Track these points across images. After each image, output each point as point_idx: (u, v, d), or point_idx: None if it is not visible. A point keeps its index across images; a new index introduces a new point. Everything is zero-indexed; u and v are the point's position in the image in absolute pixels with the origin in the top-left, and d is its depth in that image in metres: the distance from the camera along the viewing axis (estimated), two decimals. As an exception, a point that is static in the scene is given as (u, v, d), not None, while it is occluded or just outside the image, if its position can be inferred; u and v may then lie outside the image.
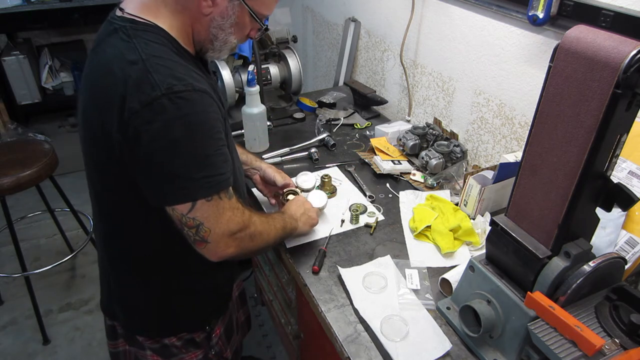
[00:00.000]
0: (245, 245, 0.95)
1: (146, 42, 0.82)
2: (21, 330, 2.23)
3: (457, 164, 1.54)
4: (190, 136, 0.80)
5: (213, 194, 0.85)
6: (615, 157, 0.80)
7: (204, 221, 0.86)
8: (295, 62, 1.93)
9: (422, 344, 0.98)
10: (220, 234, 0.89)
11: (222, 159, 0.87)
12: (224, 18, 0.90)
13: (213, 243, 0.89)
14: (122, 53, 0.81)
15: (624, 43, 0.70)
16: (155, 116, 0.77)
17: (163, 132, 0.78)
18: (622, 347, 0.79)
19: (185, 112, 0.79)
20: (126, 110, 0.78)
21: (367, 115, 1.99)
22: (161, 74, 0.78)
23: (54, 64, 3.66)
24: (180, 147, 0.80)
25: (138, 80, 0.78)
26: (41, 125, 3.73)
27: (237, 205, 0.92)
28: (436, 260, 1.22)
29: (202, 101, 0.82)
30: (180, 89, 0.78)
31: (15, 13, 3.08)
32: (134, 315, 1.11)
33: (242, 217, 0.92)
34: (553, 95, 0.80)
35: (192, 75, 0.83)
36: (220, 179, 0.86)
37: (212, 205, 0.86)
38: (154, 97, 0.77)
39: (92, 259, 2.58)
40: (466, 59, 1.59)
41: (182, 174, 0.82)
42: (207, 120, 0.83)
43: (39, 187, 2.15)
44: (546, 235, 0.87)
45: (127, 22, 0.85)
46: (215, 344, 1.20)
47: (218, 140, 0.85)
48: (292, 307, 1.51)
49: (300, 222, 1.19)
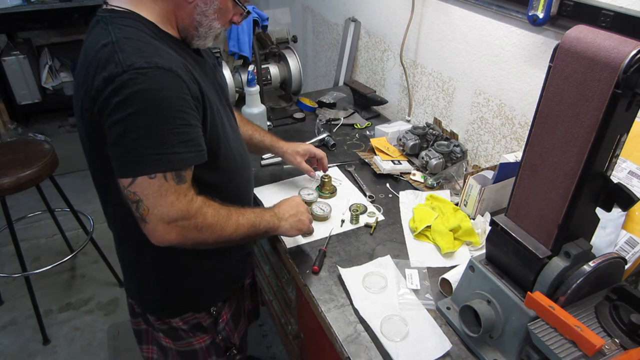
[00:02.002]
0: (191, 236, 0.92)
1: (120, 27, 0.86)
2: (21, 330, 2.23)
3: (457, 164, 1.54)
4: (145, 111, 0.82)
5: (157, 171, 0.84)
6: (615, 157, 0.80)
7: (143, 198, 0.85)
8: (295, 62, 1.93)
9: (422, 344, 0.98)
10: (158, 216, 0.87)
11: (178, 139, 0.85)
12: (207, 4, 0.93)
13: (151, 224, 0.88)
14: (97, 39, 0.85)
15: (624, 43, 0.70)
16: (115, 91, 0.80)
17: (120, 106, 0.81)
18: (622, 347, 0.79)
19: (143, 88, 0.80)
20: (93, 89, 0.82)
21: (367, 115, 1.99)
22: (126, 52, 0.81)
23: (54, 64, 3.66)
24: (134, 121, 0.82)
25: (105, 60, 0.81)
26: (41, 125, 3.73)
27: (185, 192, 0.89)
28: (436, 260, 1.22)
29: (164, 79, 0.83)
30: (141, 65, 0.80)
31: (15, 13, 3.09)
32: (144, 293, 1.14)
33: (188, 205, 0.89)
34: (553, 95, 0.80)
35: (160, 54, 0.84)
36: (170, 158, 0.85)
37: (153, 184, 0.85)
38: (116, 73, 0.80)
39: (92, 259, 2.58)
40: (466, 59, 1.59)
41: (131, 148, 0.83)
42: (166, 98, 0.83)
43: (39, 187, 2.15)
44: (546, 235, 0.87)
45: (108, 12, 0.89)
46: (222, 329, 1.22)
47: (177, 119, 0.85)
48: (292, 307, 1.51)
49: (285, 222, 1.13)
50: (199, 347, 1.20)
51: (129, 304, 1.24)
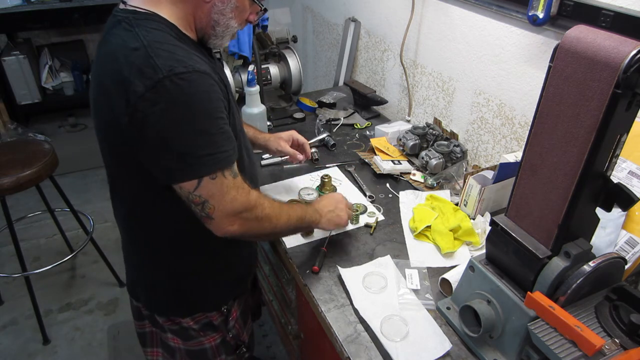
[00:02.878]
0: (251, 226, 0.97)
1: (147, 29, 0.85)
2: (21, 330, 2.23)
3: (457, 164, 1.54)
4: (193, 115, 0.84)
5: (217, 171, 0.88)
6: (615, 157, 0.80)
7: (209, 199, 0.89)
8: (295, 62, 1.93)
9: (422, 344, 0.98)
10: (224, 211, 0.91)
11: (224, 137, 0.89)
12: (224, 3, 0.93)
13: (217, 219, 0.92)
14: (125, 41, 0.85)
15: (624, 43, 0.70)
16: (159, 97, 0.81)
17: (167, 112, 0.82)
18: (622, 347, 0.79)
19: (187, 92, 0.82)
20: (131, 93, 0.81)
21: (367, 115, 1.99)
22: (162, 57, 0.82)
23: (54, 64, 3.66)
24: (184, 126, 0.83)
25: (141, 65, 0.81)
26: (41, 125, 3.73)
27: (242, 185, 0.94)
28: (436, 260, 1.22)
29: (203, 82, 0.85)
30: (181, 70, 0.81)
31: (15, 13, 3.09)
32: (153, 294, 1.14)
33: (248, 197, 0.94)
34: (553, 95, 0.80)
35: (192, 58, 0.86)
36: (223, 156, 0.88)
37: (216, 183, 0.88)
38: (157, 79, 0.80)
39: (92, 259, 2.58)
40: (466, 59, 1.59)
41: (186, 152, 0.85)
42: (208, 100, 0.86)
43: (39, 187, 2.15)
44: (546, 235, 0.87)
45: (130, 13, 0.88)
46: (232, 327, 1.22)
47: (219, 120, 0.88)
48: (292, 307, 1.51)
49: (324, 217, 1.17)
50: (209, 346, 1.20)
51: (134, 307, 1.23)
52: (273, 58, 2.01)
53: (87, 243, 2.34)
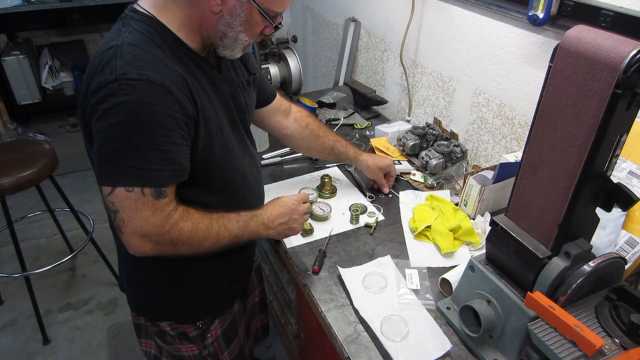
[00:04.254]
0: (166, 249, 0.93)
1: (132, 30, 0.86)
2: (21, 330, 2.23)
3: (457, 164, 1.54)
4: (129, 123, 0.81)
5: (135, 185, 0.84)
6: (615, 157, 0.80)
7: (120, 209, 0.86)
8: (295, 62, 1.93)
9: (422, 344, 0.98)
10: (132, 229, 0.87)
11: (160, 156, 0.85)
12: (233, 16, 0.90)
13: (126, 235, 0.88)
14: (109, 39, 0.86)
15: (624, 43, 0.70)
16: (104, 98, 0.81)
17: (107, 114, 0.81)
18: (622, 347, 0.79)
19: (129, 100, 0.80)
20: (89, 90, 0.83)
21: (367, 115, 1.99)
22: (124, 60, 0.81)
23: (54, 64, 3.66)
24: (117, 131, 0.82)
25: (105, 63, 0.82)
26: (41, 125, 3.73)
27: (162, 208, 0.88)
28: (436, 260, 1.22)
29: (153, 93, 0.82)
30: (132, 77, 0.80)
31: (15, 13, 3.08)
32: (133, 292, 1.15)
33: (163, 222, 0.89)
34: (553, 95, 0.80)
35: (156, 67, 0.83)
36: (149, 174, 0.85)
37: (130, 197, 0.85)
38: (109, 80, 0.80)
39: (92, 259, 2.58)
40: (466, 59, 1.59)
41: (113, 157, 0.84)
42: (151, 113, 0.82)
43: (39, 187, 2.15)
44: (546, 235, 0.87)
45: (131, 11, 0.90)
46: (210, 344, 1.20)
47: (161, 137, 0.84)
48: (292, 307, 1.51)
49: (272, 231, 1.08)
50: (187, 355, 1.19)
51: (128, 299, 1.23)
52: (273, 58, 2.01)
53: (87, 243, 2.34)
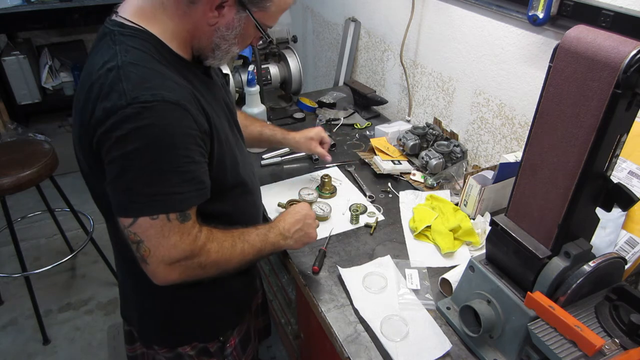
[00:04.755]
0: (194, 274, 0.89)
1: (127, 48, 0.80)
2: (21, 330, 2.23)
3: (457, 164, 1.54)
4: (148, 149, 0.77)
5: (160, 212, 0.80)
6: (615, 157, 0.80)
7: (145, 240, 0.81)
8: (295, 62, 1.93)
9: (422, 344, 0.98)
10: (160, 258, 0.82)
11: (182, 178, 0.81)
12: (229, 29, 0.87)
13: (152, 266, 0.83)
14: (103, 59, 0.79)
15: (624, 43, 0.70)
16: (116, 125, 0.75)
17: (122, 142, 0.76)
18: (622, 347, 0.79)
19: (147, 124, 0.76)
20: (93, 118, 0.77)
21: (367, 115, 1.99)
22: (132, 82, 0.76)
23: (54, 64, 3.66)
24: (136, 159, 0.77)
25: (109, 88, 0.76)
26: (41, 125, 3.73)
27: (189, 231, 0.84)
28: (436, 260, 1.22)
29: (170, 114, 0.78)
30: (146, 99, 0.75)
31: (15, 13, 3.08)
32: (148, 322, 1.09)
33: (192, 245, 0.85)
34: (553, 95, 0.80)
35: (168, 85, 0.79)
36: (174, 198, 0.80)
37: (156, 225, 0.80)
38: (119, 106, 0.75)
39: (92, 259, 2.58)
40: (466, 59, 1.59)
41: (132, 186, 0.78)
42: (171, 134, 0.78)
43: (39, 187, 2.15)
44: (546, 235, 0.87)
45: (117, 26, 0.83)
46: (229, 354, 1.17)
47: (182, 157, 0.80)
48: (292, 307, 1.51)
49: (290, 240, 1.07)
50: None
51: (126, 330, 1.17)
52: (273, 58, 2.01)
53: (87, 243, 2.34)
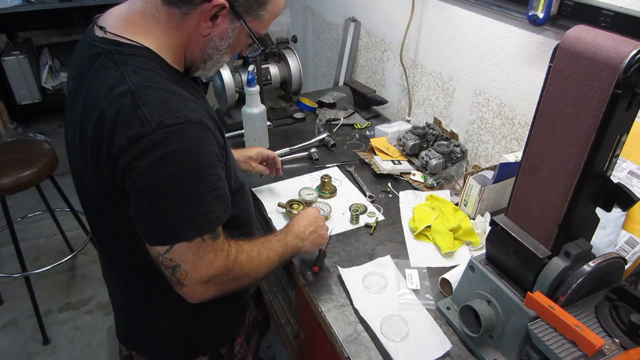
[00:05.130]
0: (228, 287, 0.89)
1: (134, 69, 0.77)
2: (21, 330, 2.23)
3: (457, 164, 1.54)
4: (181, 174, 0.76)
5: (196, 236, 0.79)
6: (615, 157, 0.80)
7: (182, 263, 0.80)
8: (295, 62, 1.93)
9: (422, 344, 0.98)
10: (197, 278, 0.82)
11: (214, 195, 0.81)
12: (223, 39, 0.86)
13: (189, 287, 0.83)
14: (109, 84, 0.76)
15: (624, 43, 0.70)
16: (143, 153, 0.73)
17: (151, 169, 0.74)
18: (622, 347, 0.79)
19: (176, 148, 0.74)
20: (114, 147, 0.74)
21: (367, 115, 1.99)
22: (151, 107, 0.73)
23: (54, 64, 3.66)
24: (170, 185, 0.75)
25: (127, 115, 0.73)
26: (41, 125, 3.73)
27: (221, 247, 0.85)
28: (436, 260, 1.22)
29: (196, 134, 0.76)
30: (171, 122, 0.73)
31: (15, 13, 3.08)
32: (158, 341, 1.07)
33: (226, 261, 0.86)
34: (553, 95, 0.80)
35: (185, 104, 0.78)
36: (209, 218, 0.80)
37: (192, 248, 0.80)
38: (143, 133, 0.72)
39: (92, 259, 2.58)
40: (466, 59, 1.59)
41: (169, 213, 0.77)
42: (200, 155, 0.78)
43: (39, 187, 2.15)
44: (546, 235, 0.87)
45: (112, 44, 0.79)
46: (237, 352, 1.19)
47: (212, 175, 0.80)
48: (292, 307, 1.51)
49: (307, 241, 1.08)
50: None
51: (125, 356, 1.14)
52: (273, 58, 2.01)
53: (87, 243, 2.34)
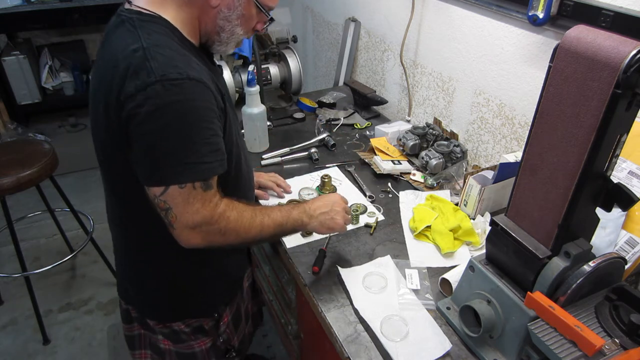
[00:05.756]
0: (214, 239, 0.95)
1: (149, 32, 0.86)
2: (21, 330, 2.23)
3: (457, 164, 1.54)
4: (178, 122, 0.83)
5: (187, 181, 0.86)
6: (615, 157, 0.80)
7: (173, 207, 0.88)
8: (295, 62, 1.93)
9: (422, 344, 0.98)
10: (184, 223, 0.90)
11: (209, 149, 0.88)
12: (231, 9, 0.93)
13: (178, 230, 0.91)
14: (126, 42, 0.85)
15: (624, 43, 0.70)
16: (146, 100, 0.81)
17: (152, 116, 0.82)
18: (622, 347, 0.79)
19: (176, 99, 0.82)
20: (122, 93, 0.82)
21: (367, 115, 1.99)
22: (158, 61, 0.82)
23: (54, 64, 3.66)
24: (167, 132, 0.83)
25: (137, 67, 0.82)
26: (41, 125, 3.73)
27: (210, 199, 0.91)
28: (436, 260, 1.22)
29: (195, 90, 0.84)
30: (174, 76, 0.82)
31: (15, 13, 3.08)
32: (146, 298, 1.14)
33: (212, 212, 0.91)
34: (553, 95, 0.80)
35: (190, 65, 0.86)
36: (201, 167, 0.87)
37: (183, 193, 0.87)
38: (148, 82, 0.80)
39: (92, 259, 2.58)
40: (466, 59, 1.59)
41: (164, 158, 0.85)
42: (197, 109, 0.85)
43: (39, 187, 2.15)
44: (546, 235, 0.87)
45: (134, 13, 0.89)
46: (223, 331, 1.23)
47: (207, 130, 0.87)
48: (292, 307, 1.51)
49: (314, 220, 1.09)
50: (199, 350, 1.20)
51: (124, 310, 1.22)
52: (273, 58, 2.01)
53: (87, 243, 2.34)
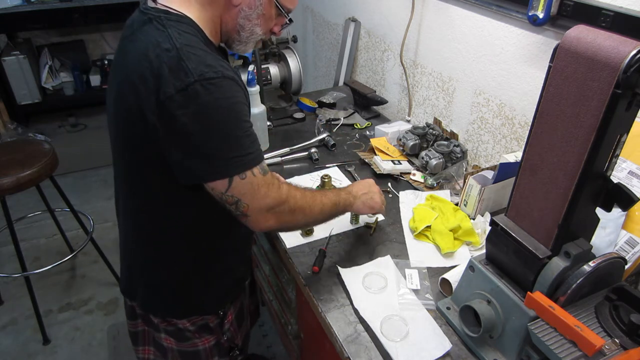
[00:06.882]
0: (285, 219, 1.00)
1: (179, 32, 0.88)
2: (21, 330, 2.23)
3: (457, 164, 1.54)
4: (222, 120, 0.87)
5: (246, 170, 0.90)
6: (615, 157, 0.80)
7: (241, 197, 0.92)
8: (295, 62, 1.93)
9: (422, 344, 0.98)
10: (257, 208, 0.94)
11: (250, 140, 0.91)
12: (252, 8, 0.96)
13: (252, 216, 0.95)
14: (157, 41, 0.87)
15: (624, 43, 0.70)
16: (188, 101, 0.83)
17: (197, 116, 0.84)
18: (622, 347, 0.79)
19: (216, 97, 0.85)
20: (161, 93, 0.84)
21: (367, 115, 1.99)
22: (193, 62, 0.84)
23: (54, 64, 3.66)
24: (213, 130, 0.86)
25: (173, 67, 0.84)
26: (41, 125, 3.73)
27: (272, 181, 0.96)
28: (436, 260, 1.22)
29: (231, 87, 0.88)
30: (211, 75, 0.84)
31: (15, 13, 3.09)
32: (151, 294, 1.14)
33: (279, 192, 0.97)
34: (553, 95, 0.80)
35: (221, 63, 0.88)
36: (249, 157, 0.91)
37: (246, 183, 0.91)
38: (188, 83, 0.83)
39: (92, 259, 2.58)
40: (466, 59, 1.59)
41: (215, 154, 0.88)
42: (236, 105, 0.88)
43: (39, 187, 2.15)
44: (546, 235, 0.87)
45: (161, 12, 0.91)
46: (227, 329, 1.23)
47: (245, 123, 0.91)
48: (292, 307, 1.51)
49: (358, 200, 1.18)
50: (203, 348, 1.20)
51: (128, 306, 1.23)
52: (273, 58, 2.01)
53: (87, 243, 2.34)
